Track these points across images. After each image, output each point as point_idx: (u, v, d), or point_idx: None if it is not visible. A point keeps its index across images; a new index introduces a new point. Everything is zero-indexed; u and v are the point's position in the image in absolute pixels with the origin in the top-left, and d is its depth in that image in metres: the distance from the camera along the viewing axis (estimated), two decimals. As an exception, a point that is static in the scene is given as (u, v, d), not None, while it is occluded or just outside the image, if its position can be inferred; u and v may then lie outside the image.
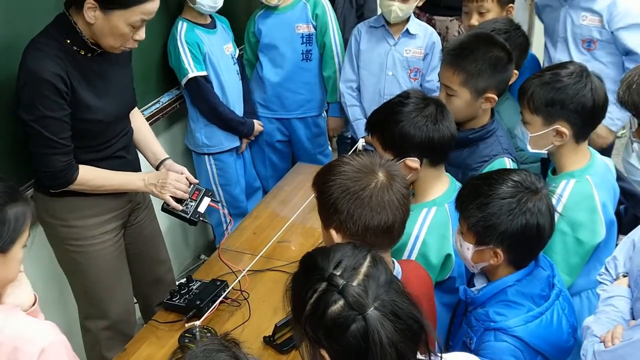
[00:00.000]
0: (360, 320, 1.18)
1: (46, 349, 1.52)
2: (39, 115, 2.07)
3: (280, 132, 3.55)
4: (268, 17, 3.33)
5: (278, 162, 3.62)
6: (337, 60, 3.39)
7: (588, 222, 2.00)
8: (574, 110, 2.01)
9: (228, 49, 3.21)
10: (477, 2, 2.86)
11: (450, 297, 1.93)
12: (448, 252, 1.96)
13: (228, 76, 3.19)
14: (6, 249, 1.55)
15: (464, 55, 2.24)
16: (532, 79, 2.09)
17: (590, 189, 2.01)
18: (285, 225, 2.42)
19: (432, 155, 1.99)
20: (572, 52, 2.92)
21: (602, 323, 1.66)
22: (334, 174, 1.63)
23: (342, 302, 1.20)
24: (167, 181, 2.31)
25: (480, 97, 2.24)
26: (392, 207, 1.58)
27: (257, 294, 2.23)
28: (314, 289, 1.23)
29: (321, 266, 1.27)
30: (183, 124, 3.41)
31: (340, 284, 1.21)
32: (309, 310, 1.23)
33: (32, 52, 2.07)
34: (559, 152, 2.08)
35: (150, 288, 2.69)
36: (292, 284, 1.32)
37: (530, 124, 2.08)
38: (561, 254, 1.99)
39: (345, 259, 1.27)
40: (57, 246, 2.41)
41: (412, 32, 3.12)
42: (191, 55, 3.04)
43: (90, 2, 2.01)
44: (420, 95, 2.05)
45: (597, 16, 2.84)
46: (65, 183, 2.20)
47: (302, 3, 3.33)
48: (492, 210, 1.67)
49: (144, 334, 2.14)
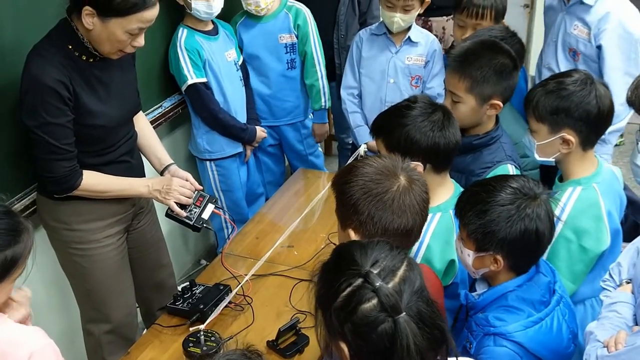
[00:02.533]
0: (389, 322, 1.19)
1: (35, 352, 1.53)
2: (42, 121, 2.08)
3: (271, 137, 3.58)
4: (250, 27, 3.34)
5: (273, 165, 3.67)
6: (318, 67, 3.42)
7: (593, 230, 2.01)
8: (579, 118, 2.01)
9: (230, 55, 3.21)
10: (475, 20, 2.91)
11: (453, 303, 1.94)
12: (452, 258, 1.97)
13: (230, 83, 3.20)
14: None
15: (470, 62, 2.26)
16: (537, 88, 2.10)
17: (596, 197, 2.02)
18: (288, 230, 2.43)
19: (436, 161, 2.01)
20: (559, 58, 2.93)
21: (605, 328, 1.66)
22: (355, 174, 1.63)
23: (375, 302, 1.21)
24: (171, 187, 2.32)
25: (485, 104, 2.26)
26: (412, 211, 1.59)
27: (260, 299, 2.24)
28: (349, 283, 1.24)
29: (358, 261, 1.26)
30: (185, 129, 3.43)
31: (377, 283, 1.22)
32: (340, 302, 1.24)
33: (34, 58, 2.08)
34: (566, 159, 2.09)
35: (151, 292, 2.70)
36: (323, 272, 1.32)
37: (537, 133, 2.09)
38: (565, 261, 2.00)
39: (383, 259, 1.27)
40: (60, 250, 2.42)
41: (413, 40, 3.13)
42: (190, 61, 3.05)
43: (88, 8, 2.02)
44: (427, 100, 2.07)
45: (587, 28, 2.83)
46: (69, 189, 2.21)
47: (284, 13, 3.34)
48: (491, 217, 1.68)
49: (147, 338, 2.15)
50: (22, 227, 1.61)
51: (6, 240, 1.55)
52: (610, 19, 2.78)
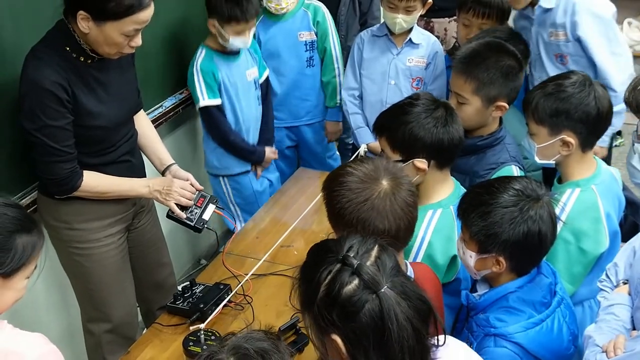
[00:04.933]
0: (374, 299, 1.23)
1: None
2: (41, 124, 2.08)
3: (289, 139, 3.56)
4: (269, 26, 3.34)
5: (286, 168, 3.63)
6: (336, 65, 3.42)
7: (592, 232, 2.02)
8: (579, 119, 2.02)
9: (251, 74, 3.19)
10: (481, 20, 2.92)
11: (455, 300, 1.94)
12: (454, 254, 1.97)
13: (245, 103, 3.19)
14: (8, 276, 1.56)
15: (476, 63, 2.27)
16: (536, 90, 2.11)
17: (594, 199, 2.03)
18: (288, 230, 2.43)
19: (441, 157, 2.01)
20: (547, 69, 2.93)
21: (603, 332, 1.66)
22: (338, 183, 1.66)
23: (356, 281, 1.26)
24: (172, 188, 2.31)
25: (491, 105, 2.27)
26: (395, 215, 1.60)
27: (260, 298, 2.24)
28: (329, 270, 1.28)
29: (334, 249, 1.33)
30: (186, 128, 3.43)
31: (355, 263, 1.27)
32: (323, 291, 1.28)
33: (32, 60, 2.08)
34: (565, 161, 2.09)
35: (151, 291, 2.70)
36: (303, 272, 1.37)
37: (537, 135, 2.09)
38: (564, 262, 2.01)
39: (356, 244, 1.33)
40: (60, 249, 2.42)
41: (415, 42, 3.13)
42: (205, 83, 3.05)
43: (82, 13, 2.01)
44: (429, 97, 2.08)
45: (562, 29, 2.84)
46: (70, 190, 2.21)
47: (302, 11, 3.35)
48: (494, 219, 1.68)
49: (148, 337, 2.15)
50: (33, 221, 1.63)
51: (18, 226, 1.57)
52: (577, 10, 2.78)
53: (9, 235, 1.56)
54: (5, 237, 1.55)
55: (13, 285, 1.59)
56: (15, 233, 1.56)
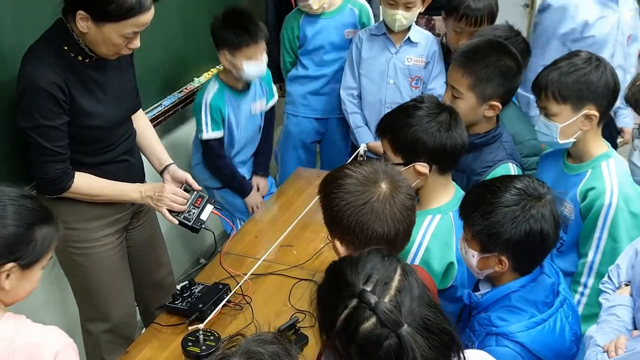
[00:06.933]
0: (393, 337, 1.16)
1: (59, 352, 1.55)
2: (36, 123, 2.08)
3: (317, 132, 3.56)
4: (314, 22, 3.34)
5: (306, 162, 3.62)
6: None
7: (635, 195, 2.06)
8: (602, 92, 2.07)
9: (257, 107, 3.18)
10: (473, 27, 2.92)
11: (452, 307, 1.93)
12: (451, 260, 1.96)
13: (245, 133, 3.18)
14: (27, 267, 1.57)
15: (476, 59, 2.26)
16: (549, 72, 2.11)
17: (626, 166, 2.03)
18: (288, 230, 2.42)
19: (442, 162, 2.00)
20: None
21: (605, 333, 1.66)
22: (336, 186, 1.63)
23: (374, 320, 1.18)
24: (163, 194, 2.29)
25: (484, 104, 2.26)
26: (394, 219, 1.58)
27: (260, 298, 2.24)
28: (345, 305, 1.20)
29: (351, 281, 1.23)
30: (185, 128, 3.42)
31: (372, 301, 1.18)
32: (340, 326, 1.21)
33: (29, 59, 2.07)
34: (584, 138, 2.13)
35: (150, 291, 2.69)
36: (320, 296, 1.30)
37: (558, 115, 2.10)
38: (625, 230, 2.05)
39: (376, 272, 1.23)
40: (59, 248, 2.36)
41: (413, 40, 3.13)
42: (210, 118, 3.04)
43: (82, 13, 2.01)
44: (434, 101, 2.06)
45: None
46: (59, 190, 2.21)
47: (349, 8, 3.37)
48: (495, 219, 1.67)
49: (146, 337, 2.14)
50: (49, 212, 1.64)
51: (36, 218, 1.58)
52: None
53: (29, 227, 1.57)
54: (26, 230, 1.56)
55: (31, 276, 1.60)
56: (34, 225, 1.57)
